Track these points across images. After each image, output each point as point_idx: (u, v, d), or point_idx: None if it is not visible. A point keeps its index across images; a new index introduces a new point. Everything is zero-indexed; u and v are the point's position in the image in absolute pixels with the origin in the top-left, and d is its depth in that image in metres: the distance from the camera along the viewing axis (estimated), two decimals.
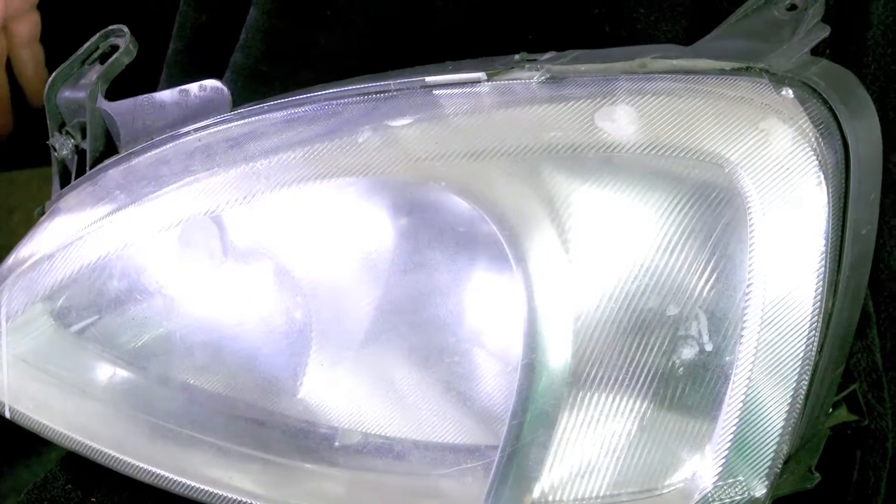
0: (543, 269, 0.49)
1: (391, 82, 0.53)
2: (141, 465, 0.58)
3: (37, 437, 0.59)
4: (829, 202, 0.48)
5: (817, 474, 0.57)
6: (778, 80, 0.50)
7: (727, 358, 0.50)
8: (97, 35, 0.60)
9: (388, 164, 0.50)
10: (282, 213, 0.56)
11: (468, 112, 0.51)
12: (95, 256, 0.55)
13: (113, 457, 0.58)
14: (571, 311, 0.49)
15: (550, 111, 0.50)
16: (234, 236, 0.57)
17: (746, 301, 0.49)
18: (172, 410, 0.59)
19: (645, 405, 0.51)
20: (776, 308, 0.49)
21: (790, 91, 0.49)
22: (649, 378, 0.50)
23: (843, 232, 0.51)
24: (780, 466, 0.51)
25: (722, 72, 0.51)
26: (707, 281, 0.50)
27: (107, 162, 0.57)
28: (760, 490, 0.51)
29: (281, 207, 0.55)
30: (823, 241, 0.49)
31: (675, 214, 0.49)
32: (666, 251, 0.49)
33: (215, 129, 0.55)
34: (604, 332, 0.50)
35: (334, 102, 0.54)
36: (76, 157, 0.59)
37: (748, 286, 0.49)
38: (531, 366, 0.49)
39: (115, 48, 0.59)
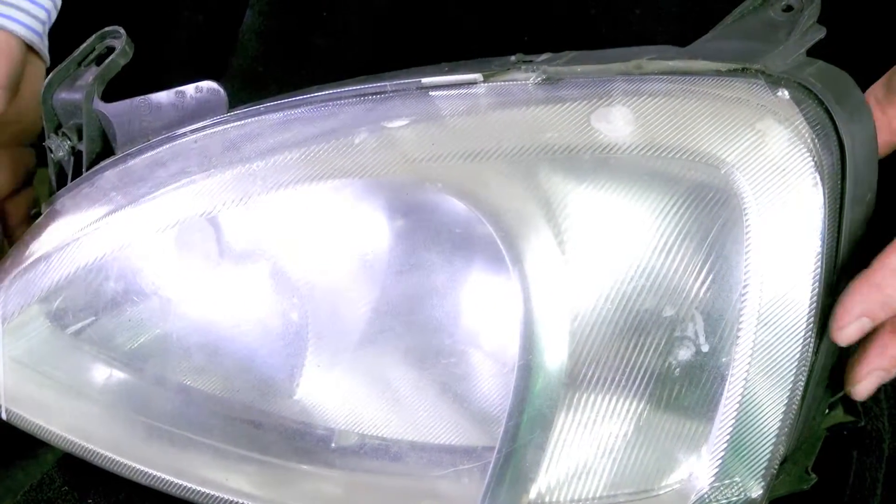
0: (540, 270, 0.49)
1: (387, 83, 0.53)
2: (137, 466, 0.58)
3: (33, 439, 0.59)
4: (825, 203, 0.48)
5: (814, 475, 0.57)
6: (774, 81, 0.50)
7: (723, 359, 0.50)
8: (93, 36, 0.61)
9: (384, 166, 0.50)
10: (278, 215, 0.56)
11: (464, 113, 0.51)
12: (92, 258, 0.55)
13: (109, 458, 0.58)
14: (568, 312, 0.49)
15: (547, 112, 0.50)
16: (230, 238, 0.57)
17: (743, 302, 0.49)
18: (169, 412, 0.59)
19: (641, 406, 0.51)
20: (772, 309, 0.49)
21: (786, 92, 0.49)
22: (646, 379, 0.50)
23: (839, 233, 0.51)
24: (776, 467, 0.51)
25: (718, 73, 0.50)
26: (703, 282, 0.50)
27: (103, 163, 0.57)
28: (757, 491, 0.51)
29: (277, 209, 0.55)
30: (819, 242, 0.49)
31: (671, 215, 0.49)
32: (662, 252, 0.49)
33: (212, 130, 0.55)
34: (600, 333, 0.49)
35: (330, 104, 0.54)
36: (72, 158, 0.59)
37: (744, 287, 0.49)
38: (527, 367, 0.49)
39: (111, 50, 0.59)
